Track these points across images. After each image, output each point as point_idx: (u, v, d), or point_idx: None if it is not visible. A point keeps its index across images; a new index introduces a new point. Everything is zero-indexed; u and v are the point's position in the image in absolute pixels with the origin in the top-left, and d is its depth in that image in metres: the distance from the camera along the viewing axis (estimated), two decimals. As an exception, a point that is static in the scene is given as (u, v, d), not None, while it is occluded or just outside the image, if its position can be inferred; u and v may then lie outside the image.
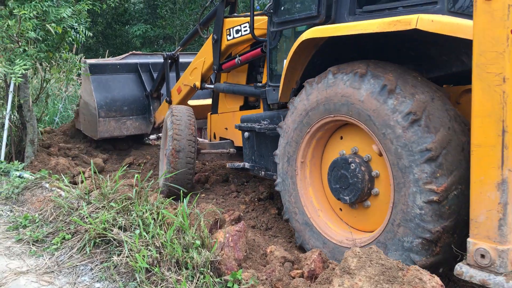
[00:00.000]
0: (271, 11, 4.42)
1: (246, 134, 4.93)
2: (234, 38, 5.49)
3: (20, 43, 5.68)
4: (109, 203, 3.80)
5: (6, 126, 6.35)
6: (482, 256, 2.49)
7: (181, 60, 7.13)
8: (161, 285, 2.96)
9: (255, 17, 4.90)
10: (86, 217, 3.64)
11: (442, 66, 3.39)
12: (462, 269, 2.57)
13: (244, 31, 5.34)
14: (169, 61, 7.01)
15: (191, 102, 6.87)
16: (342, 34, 3.36)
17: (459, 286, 3.32)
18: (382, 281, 2.50)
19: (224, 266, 3.20)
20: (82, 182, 4.32)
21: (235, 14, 5.86)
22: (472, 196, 2.57)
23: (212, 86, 6.06)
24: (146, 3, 17.18)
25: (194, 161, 5.37)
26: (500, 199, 2.42)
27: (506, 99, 2.38)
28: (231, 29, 5.50)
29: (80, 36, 6.56)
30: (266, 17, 4.70)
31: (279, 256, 3.48)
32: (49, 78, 7.20)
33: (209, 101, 6.55)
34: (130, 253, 3.21)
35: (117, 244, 3.39)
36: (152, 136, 8.38)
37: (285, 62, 4.04)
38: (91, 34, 6.95)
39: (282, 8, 4.38)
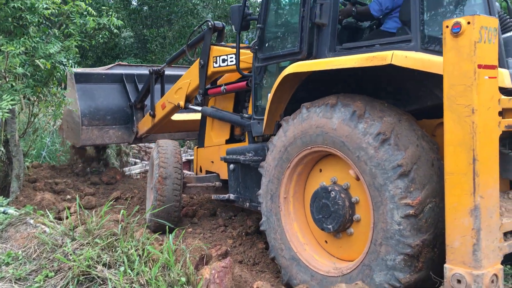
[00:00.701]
0: (256, 47, 4.55)
1: (232, 166, 4.99)
2: (220, 66, 5.63)
3: (7, 79, 5.74)
4: (94, 239, 3.77)
5: (-8, 161, 6.34)
6: (458, 281, 2.55)
7: (166, 72, 7.27)
8: (145, 322, 2.93)
9: (242, 50, 5.03)
10: (70, 254, 3.60)
11: (418, 100, 3.54)
12: (441, 296, 2.61)
13: (230, 61, 5.47)
14: (155, 76, 7.16)
15: (174, 117, 6.97)
16: (322, 68, 3.53)
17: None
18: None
19: (210, 304, 3.19)
20: (67, 217, 4.30)
21: (222, 43, 5.97)
22: (447, 222, 2.65)
23: (196, 107, 6.12)
24: (136, 38, 17.47)
25: (180, 189, 5.44)
26: (474, 225, 2.50)
27: (475, 129, 2.49)
28: (218, 58, 5.63)
29: (68, 71, 6.64)
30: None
31: (266, 292, 3.47)
32: (37, 112, 7.24)
33: (192, 115, 6.58)
34: (114, 291, 3.18)
35: (101, 282, 3.35)
36: (136, 170, 8.40)
37: (269, 96, 4.15)
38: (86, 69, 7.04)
39: (267, 45, 4.54)
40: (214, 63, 5.69)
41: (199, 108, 6.01)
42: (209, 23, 5.87)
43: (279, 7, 4.65)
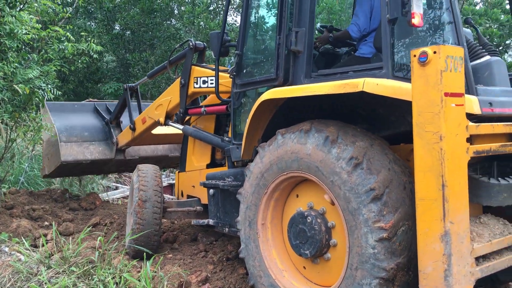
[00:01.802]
0: (234, 73, 4.62)
1: (211, 191, 4.98)
2: (200, 87, 5.67)
3: (-15, 105, 5.71)
4: (70, 267, 3.74)
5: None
6: (432, 308, 2.56)
7: None
8: None
9: (222, 74, 5.09)
10: (45, 283, 3.56)
11: (391, 126, 3.62)
12: (415, 322, 2.63)
13: (211, 84, 5.52)
14: (130, 92, 7.23)
15: (155, 131, 6.98)
16: (296, 95, 3.60)
17: None
18: None
19: (186, 331, 3.16)
20: (43, 245, 4.24)
21: (204, 64, 6.01)
22: (419, 248, 2.69)
23: (177, 125, 6.12)
24: (118, 62, 17.48)
25: (160, 213, 5.39)
26: (444, 251, 2.54)
27: (444, 155, 2.56)
28: (199, 79, 5.68)
29: (47, 95, 6.62)
30: None
31: (245, 319, 3.45)
32: (15, 137, 7.17)
33: (173, 130, 6.57)
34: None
35: (76, 310, 3.31)
36: (117, 195, 8.32)
37: (247, 122, 4.20)
38: (60, 93, 7.04)
39: (244, 71, 4.61)
40: (195, 84, 5.74)
41: (181, 127, 6.01)
42: (190, 43, 5.92)
43: (256, 34, 4.74)
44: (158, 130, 7.02)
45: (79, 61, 7.81)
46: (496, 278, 4.02)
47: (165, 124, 6.32)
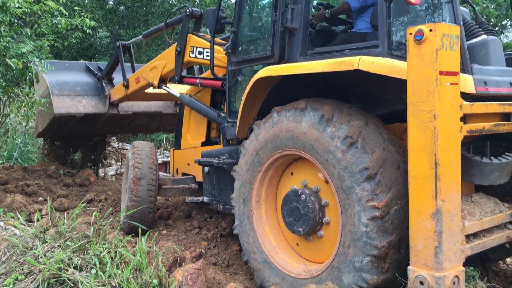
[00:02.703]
0: (230, 50, 4.58)
1: (206, 168, 5.00)
2: (196, 58, 5.59)
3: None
4: (65, 242, 3.75)
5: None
6: (421, 283, 2.62)
7: None
8: (115, 325, 2.93)
9: (219, 48, 5.01)
10: (41, 257, 3.57)
11: (386, 105, 3.62)
12: (404, 297, 2.69)
13: (206, 55, 5.42)
14: (122, 49, 7.21)
15: (148, 90, 6.95)
16: (292, 73, 3.58)
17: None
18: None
19: (182, 306, 3.21)
20: (38, 220, 4.25)
21: (201, 34, 5.86)
22: (411, 225, 2.73)
23: (171, 90, 6.08)
24: (112, 38, 17.27)
25: (155, 190, 5.42)
26: (436, 228, 2.58)
27: (437, 134, 2.58)
28: (195, 48, 5.58)
29: (41, 70, 6.56)
30: None
31: (239, 294, 3.51)
32: (8, 113, 7.12)
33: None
34: (85, 294, 3.16)
35: (72, 285, 3.33)
36: (111, 172, 8.33)
37: (242, 99, 4.18)
38: (53, 68, 6.99)
39: (240, 48, 4.57)
40: (191, 53, 5.64)
41: (177, 94, 5.95)
42: (187, 10, 5.79)
43: (252, 11, 4.69)
44: (152, 89, 6.99)
45: (73, 36, 7.71)
46: (485, 256, 4.10)
47: (159, 87, 6.26)
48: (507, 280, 4.27)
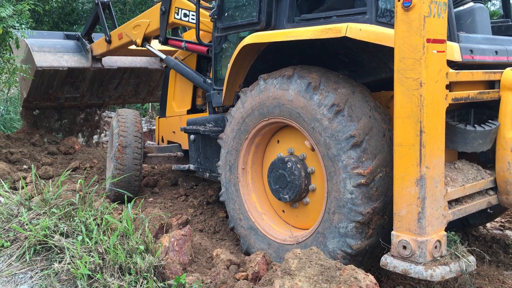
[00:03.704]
0: (215, 16, 4.49)
1: (192, 136, 4.99)
2: (181, 19, 5.46)
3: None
4: (50, 209, 3.73)
5: None
6: (404, 247, 2.69)
7: None
8: (104, 291, 2.96)
9: (205, 12, 4.89)
10: (26, 224, 3.57)
11: (373, 72, 3.62)
12: (387, 260, 2.77)
13: (192, 18, 5.30)
14: (102, 6, 7.16)
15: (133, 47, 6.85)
16: (278, 40, 3.53)
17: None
18: (320, 281, 2.64)
19: (168, 271, 3.24)
20: (22, 187, 4.22)
21: None
22: (395, 192, 2.77)
23: (156, 51, 5.97)
24: (94, 3, 16.84)
25: (141, 158, 5.40)
26: (419, 194, 2.63)
27: (423, 102, 2.59)
28: (180, 10, 5.45)
29: (22, 35, 6.38)
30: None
31: (225, 259, 3.56)
32: (-11, 80, 6.96)
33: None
34: (71, 260, 3.17)
35: (59, 251, 3.34)
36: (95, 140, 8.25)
37: (228, 66, 4.14)
38: (34, 33, 6.79)
39: (226, 14, 4.48)
40: (176, 14, 5.49)
41: (163, 56, 5.82)
42: None
43: (239, -25, 4.58)
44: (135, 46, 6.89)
45: (54, 0, 7.47)
46: (466, 221, 4.22)
47: (142, 46, 6.14)
48: (486, 244, 4.41)
